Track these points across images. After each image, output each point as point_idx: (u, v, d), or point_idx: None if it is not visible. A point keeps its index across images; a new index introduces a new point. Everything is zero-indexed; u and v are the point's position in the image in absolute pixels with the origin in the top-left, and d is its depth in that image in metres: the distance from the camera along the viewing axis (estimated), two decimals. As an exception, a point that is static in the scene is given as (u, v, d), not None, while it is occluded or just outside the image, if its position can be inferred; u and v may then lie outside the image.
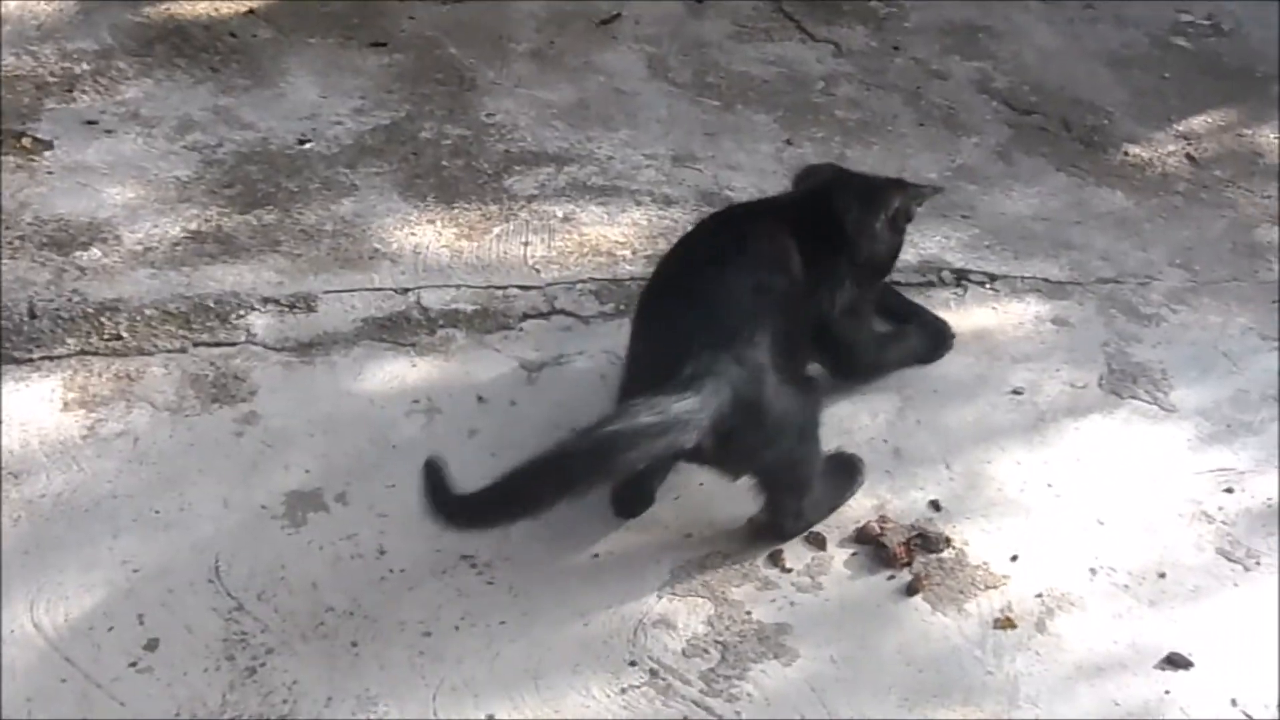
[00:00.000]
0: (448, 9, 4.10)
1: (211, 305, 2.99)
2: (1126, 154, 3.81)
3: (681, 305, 2.49)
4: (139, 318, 2.95)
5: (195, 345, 2.90)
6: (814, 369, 2.77)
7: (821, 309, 2.72)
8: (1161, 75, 4.17)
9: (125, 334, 2.91)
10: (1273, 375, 3.08)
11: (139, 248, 3.13)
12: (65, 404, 2.74)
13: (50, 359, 2.83)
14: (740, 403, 2.33)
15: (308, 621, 2.37)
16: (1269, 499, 2.77)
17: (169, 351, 2.88)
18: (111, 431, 2.69)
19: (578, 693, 2.30)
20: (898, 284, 3.19)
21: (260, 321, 2.97)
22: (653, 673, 2.34)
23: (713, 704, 2.29)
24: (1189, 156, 3.83)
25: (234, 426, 2.73)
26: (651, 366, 2.40)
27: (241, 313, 2.98)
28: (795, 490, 2.55)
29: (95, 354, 2.85)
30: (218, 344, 2.91)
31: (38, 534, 2.48)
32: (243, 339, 2.93)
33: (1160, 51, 4.29)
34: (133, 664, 2.29)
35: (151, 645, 2.32)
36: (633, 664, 2.35)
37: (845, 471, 2.69)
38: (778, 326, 2.47)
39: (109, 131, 3.48)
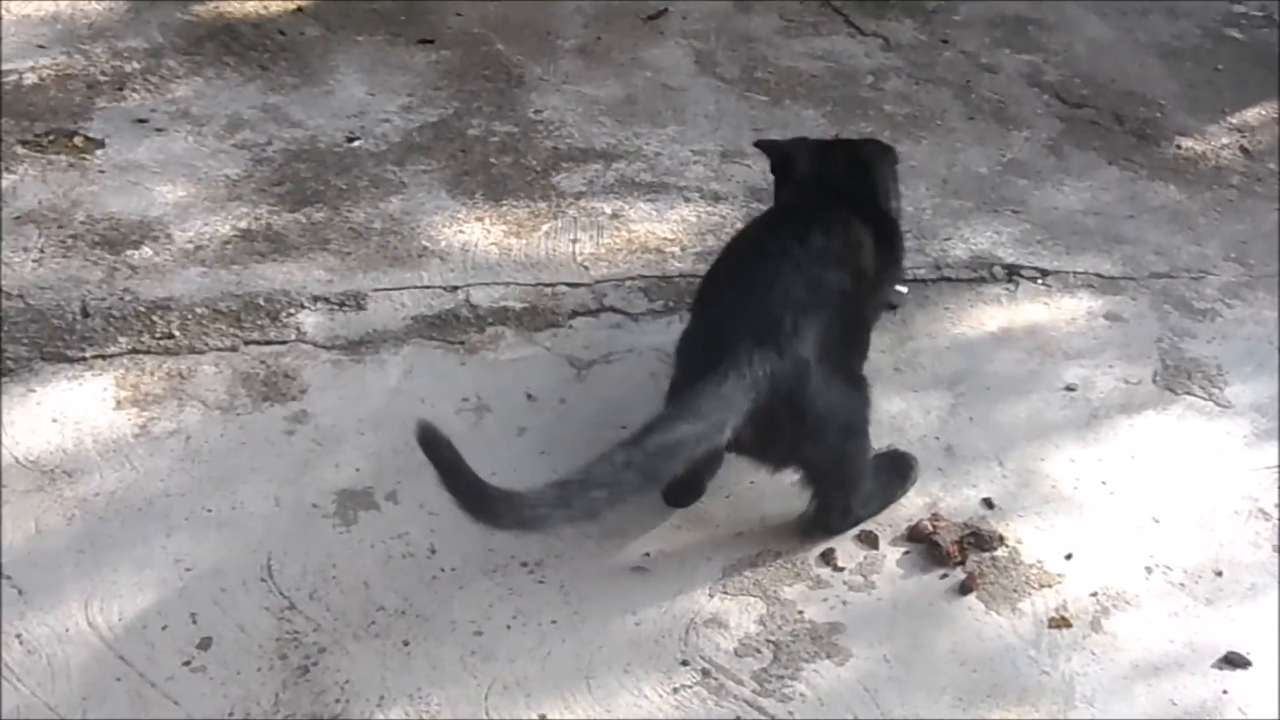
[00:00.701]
0: (494, 6, 4.10)
1: (262, 303, 3.00)
2: (1179, 147, 3.77)
3: (735, 296, 2.47)
4: (190, 316, 2.96)
5: (246, 344, 2.91)
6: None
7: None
8: (1214, 67, 4.12)
9: (177, 332, 2.92)
10: (1330, 371, 3.05)
11: (190, 246, 3.15)
12: (118, 402, 2.75)
13: (103, 358, 2.84)
14: (779, 395, 2.32)
15: (359, 620, 2.38)
16: (1327, 496, 2.74)
17: (220, 350, 2.89)
18: (164, 430, 2.71)
19: (630, 692, 2.29)
20: (948, 279, 3.18)
21: (310, 320, 2.98)
22: (705, 672, 2.33)
23: (765, 704, 2.28)
24: (1243, 149, 3.78)
25: (285, 425, 2.74)
26: (700, 358, 2.39)
27: (291, 311, 2.99)
28: (843, 486, 2.53)
29: (147, 352, 2.87)
30: (268, 342, 2.92)
31: (91, 533, 2.49)
32: (293, 337, 2.94)
33: (1213, 43, 4.24)
34: (186, 663, 2.30)
35: (205, 644, 2.32)
36: (685, 663, 2.34)
37: (897, 469, 2.67)
38: (830, 320, 2.44)
39: (159, 130, 3.50)
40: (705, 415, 2.24)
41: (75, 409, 2.73)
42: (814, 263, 2.52)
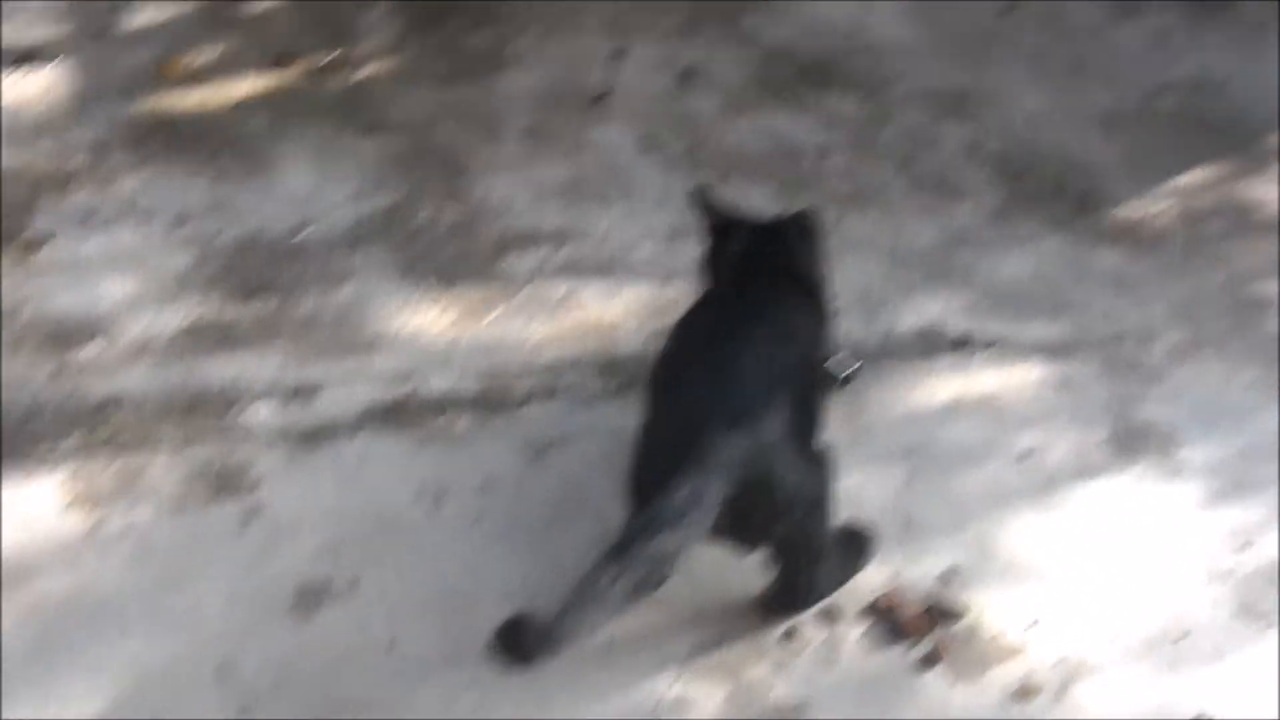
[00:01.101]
0: (440, 92, 4.12)
1: (213, 397, 2.98)
2: (1121, 213, 3.81)
3: (696, 380, 2.46)
4: (140, 412, 2.93)
5: (197, 439, 2.88)
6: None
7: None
8: (1151, 134, 4.19)
9: (127, 429, 2.89)
10: (1278, 430, 3.07)
11: (138, 341, 3.12)
12: (68, 502, 2.72)
13: (52, 457, 2.81)
14: (753, 480, 2.31)
15: (321, 717, 2.34)
16: (1284, 555, 2.76)
17: (171, 445, 2.86)
18: (115, 529, 2.67)
19: (597, 780, 2.27)
20: (900, 351, 3.20)
21: (262, 412, 2.95)
22: (673, 755, 2.31)
23: (734, 786, 2.27)
24: (1183, 213, 3.83)
25: (239, 519, 2.71)
26: (667, 448, 2.37)
27: (243, 404, 2.97)
28: (808, 562, 2.53)
29: (97, 451, 2.84)
30: (220, 436, 2.89)
31: (43, 637, 2.45)
32: (245, 430, 2.91)
33: (1149, 110, 4.30)
34: (144, 767, 2.26)
35: (162, 747, 2.29)
36: (653, 745, 2.32)
37: (857, 543, 2.67)
38: (790, 397, 2.45)
39: (106, 225, 3.48)
40: (687, 515, 2.23)
41: (25, 510, 2.69)
42: (769, 341, 2.52)
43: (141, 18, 4.36)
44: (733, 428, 2.32)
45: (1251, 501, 2.89)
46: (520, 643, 2.22)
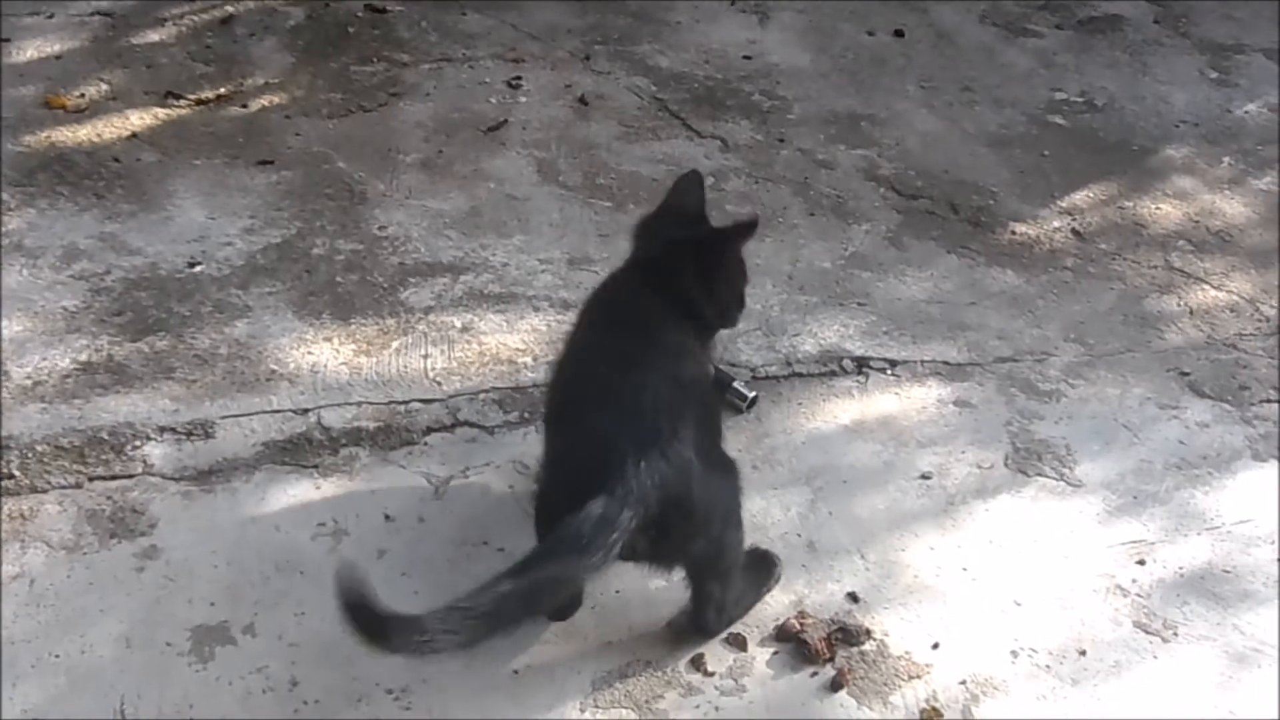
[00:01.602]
0: (334, 124, 4.09)
1: (105, 437, 2.92)
2: (1014, 232, 3.87)
3: (600, 406, 2.41)
4: (30, 454, 2.87)
5: (90, 480, 2.83)
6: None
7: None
8: (1041, 153, 4.25)
9: (17, 472, 2.82)
10: (1173, 443, 3.12)
11: (28, 382, 3.05)
12: (-43, 549, 2.65)
13: (-61, 503, 2.74)
14: (669, 501, 2.29)
15: (221, 761, 2.30)
16: (1180, 568, 2.80)
17: (63, 488, 2.80)
18: (6, 574, 2.61)
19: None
20: (800, 374, 3.22)
21: (157, 451, 2.90)
22: (581, 788, 2.29)
23: (643, 818, 2.25)
24: (1074, 231, 3.89)
25: (134, 562, 2.65)
26: (574, 471, 2.34)
27: (137, 443, 2.91)
28: (721, 580, 2.51)
29: (-14, 495, 2.77)
30: (114, 477, 2.84)
31: (-68, 688, 2.38)
32: (140, 470, 2.86)
33: (1038, 130, 4.38)
34: (39, 820, 2.20)
35: (57, 798, 2.23)
36: (561, 781, 2.30)
37: (762, 567, 2.67)
38: (696, 413, 2.43)
39: (-8, 265, 3.41)
40: (593, 541, 2.19)
41: (-89, 559, 2.62)
42: (666, 359, 2.50)
43: (28, 51, 4.30)
44: (645, 453, 2.29)
45: (1147, 517, 2.93)
46: (380, 626, 2.12)
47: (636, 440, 2.31)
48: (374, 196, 3.78)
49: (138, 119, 4.03)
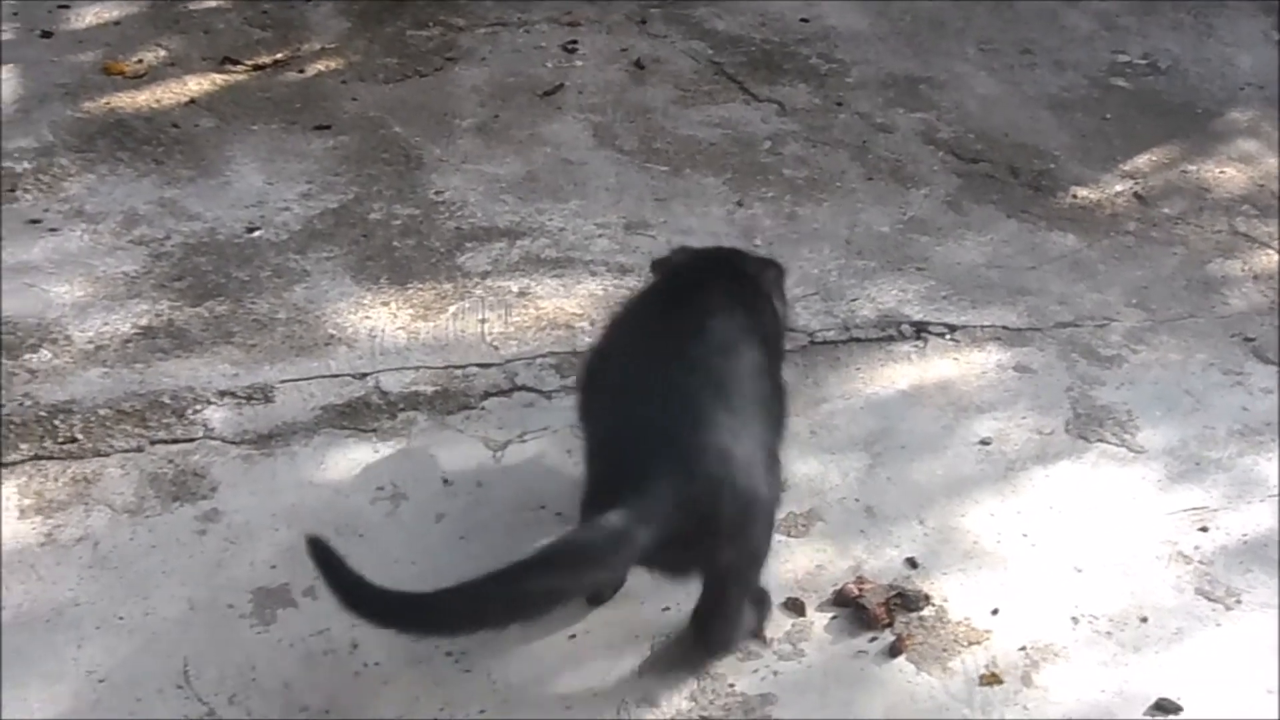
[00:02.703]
0: (390, 89, 4.09)
1: (167, 401, 2.94)
2: (1075, 196, 3.83)
3: (631, 404, 2.34)
4: (93, 418, 2.89)
5: (152, 443, 2.85)
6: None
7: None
8: (1103, 116, 4.20)
9: (80, 436, 2.85)
10: (1236, 410, 3.08)
11: (90, 346, 3.08)
12: (21, 511, 2.68)
13: (4, 466, 2.77)
14: (693, 519, 2.19)
15: (282, 721, 2.32)
16: (1244, 535, 2.77)
17: (125, 451, 2.83)
18: (70, 537, 2.64)
19: (563, 778, 2.25)
20: (858, 339, 3.20)
21: (217, 415, 2.92)
22: (640, 752, 2.30)
23: (701, 781, 2.25)
24: (1137, 195, 3.85)
25: (196, 525, 2.68)
26: (608, 476, 2.29)
27: (198, 407, 2.94)
28: (737, 596, 2.41)
29: (50, 458, 2.80)
30: (175, 441, 2.86)
31: (-1, 648, 2.42)
32: (200, 434, 2.88)
33: (1100, 93, 4.32)
34: (105, 778, 2.23)
35: (123, 757, 2.26)
36: (620, 743, 2.31)
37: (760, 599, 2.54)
38: (744, 409, 2.34)
39: (53, 230, 3.43)
40: (602, 558, 2.15)
41: (-22, 519, 2.65)
42: (713, 349, 2.40)
43: (86, 18, 4.32)
44: (675, 458, 2.21)
45: (1210, 483, 2.90)
46: (372, 601, 2.14)
47: (661, 449, 2.23)
48: (430, 161, 3.79)
49: (195, 85, 4.05)
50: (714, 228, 3.58)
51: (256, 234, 3.47)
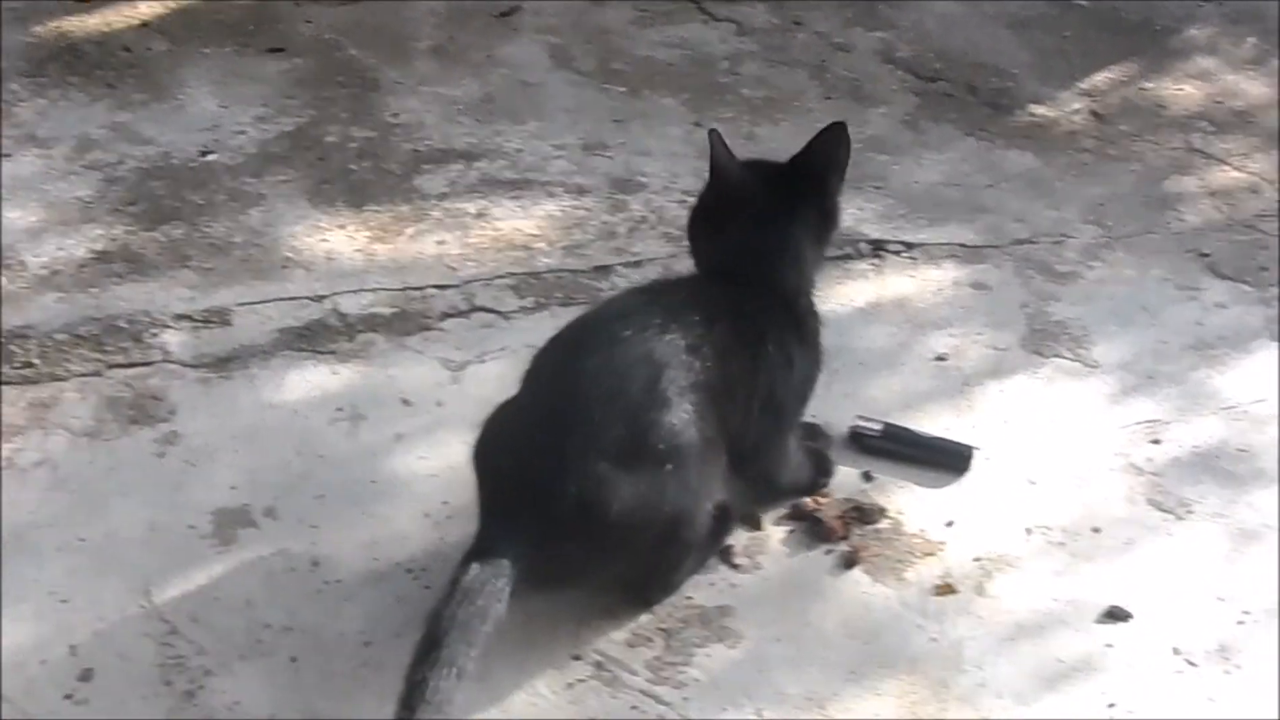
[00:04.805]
0: (345, 10, 4.05)
1: (123, 325, 2.94)
2: (1033, 115, 3.84)
3: (546, 388, 2.28)
4: (49, 343, 2.88)
5: (109, 368, 2.84)
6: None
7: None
8: (1062, 34, 4.20)
9: (36, 360, 2.84)
10: (1190, 324, 3.11)
11: (44, 272, 3.07)
12: (-21, 436, 2.68)
13: (-41, 392, 2.77)
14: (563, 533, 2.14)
15: (245, 640, 2.33)
16: (1195, 447, 2.80)
17: (83, 376, 2.82)
18: (29, 461, 2.63)
19: (524, 691, 2.27)
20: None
21: (174, 339, 2.92)
22: (598, 665, 2.32)
23: (660, 691, 2.28)
24: (1094, 113, 3.86)
25: (155, 447, 2.68)
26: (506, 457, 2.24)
27: (155, 331, 2.93)
28: (663, 570, 2.38)
29: (7, 383, 2.79)
30: (132, 364, 2.85)
31: (-41, 570, 2.42)
32: (158, 358, 2.87)
33: (1059, 11, 4.32)
34: (68, 696, 2.23)
35: (86, 676, 2.26)
36: (577, 658, 2.33)
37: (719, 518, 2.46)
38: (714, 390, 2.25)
39: (5, 156, 3.40)
40: (479, 601, 2.06)
41: (-65, 445, 2.65)
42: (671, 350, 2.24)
43: (36, -59, 4.26)
44: (548, 475, 2.13)
45: (1163, 396, 2.93)
46: None
47: (531, 460, 2.17)
48: (386, 84, 3.76)
49: (147, 8, 4.01)
50: (673, 149, 3.58)
51: (211, 158, 3.45)
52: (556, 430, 2.15)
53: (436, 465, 2.64)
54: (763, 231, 2.44)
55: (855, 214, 3.36)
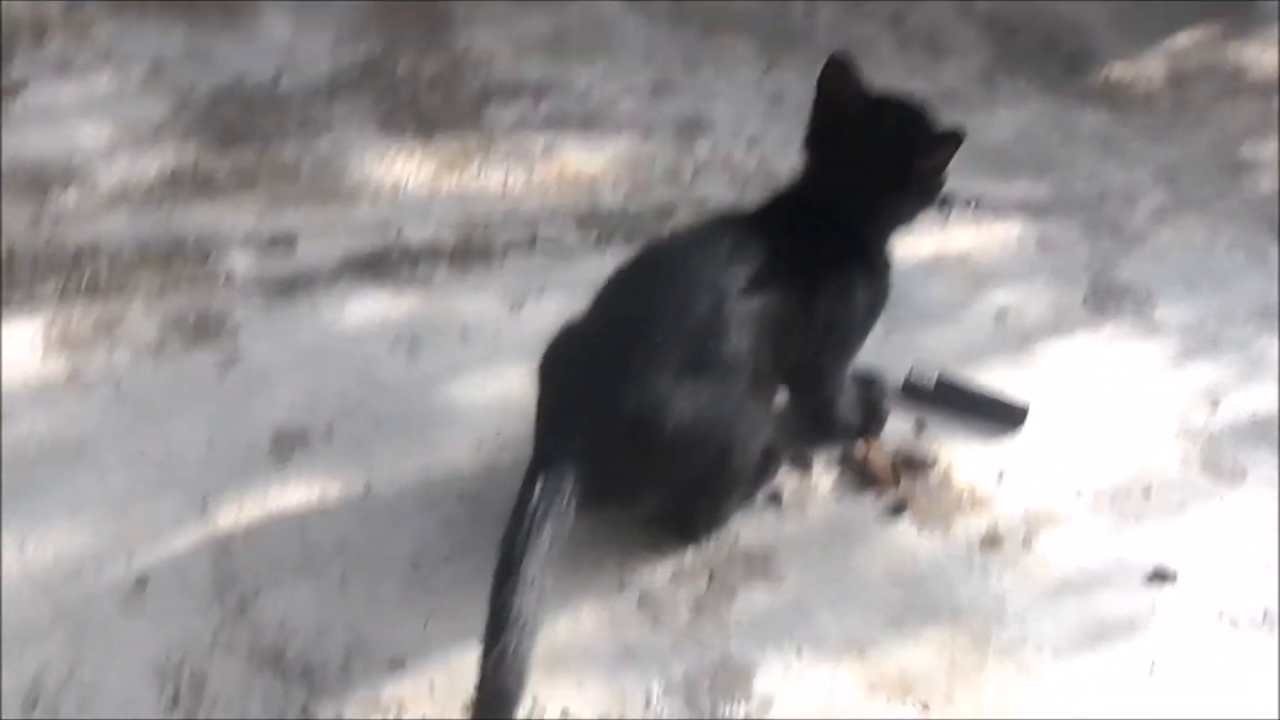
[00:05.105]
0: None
1: (190, 246, 2.98)
2: (1109, 74, 3.79)
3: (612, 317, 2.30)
4: (117, 260, 2.93)
5: (175, 287, 2.88)
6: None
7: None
8: (1145, -7, 4.15)
9: (104, 277, 2.89)
10: (1258, 291, 3.08)
11: (115, 190, 3.11)
12: (47, 347, 2.72)
13: (30, 303, 2.81)
14: (624, 448, 2.17)
15: (296, 558, 2.37)
16: (1253, 413, 2.78)
17: (149, 294, 2.86)
18: (94, 374, 2.68)
19: (568, 618, 2.29)
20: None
21: (240, 261, 2.95)
22: (642, 598, 2.34)
23: (702, 627, 2.30)
24: (1171, 74, 3.80)
25: (216, 367, 2.72)
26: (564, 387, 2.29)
27: (221, 252, 2.97)
28: (707, 501, 2.41)
29: (75, 297, 2.84)
30: (198, 285, 2.89)
31: (23, 477, 2.46)
32: (223, 279, 2.91)
33: (1143, -31, 4.26)
34: (124, 604, 2.29)
35: (141, 585, 2.31)
36: (622, 589, 2.35)
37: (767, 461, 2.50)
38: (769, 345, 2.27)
39: (82, 73, 3.45)
40: (544, 516, 2.09)
41: (4, 355, 2.69)
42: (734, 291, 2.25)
43: None
44: (591, 400, 2.17)
45: (1225, 361, 2.90)
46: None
47: (585, 385, 2.21)
48: (459, 17, 3.77)
49: (227, -67, 4.03)
50: (742, 94, 3.57)
51: (284, 84, 3.47)
52: (619, 348, 2.20)
53: (491, 395, 2.66)
54: (855, 166, 2.44)
55: (923, 165, 3.34)
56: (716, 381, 2.21)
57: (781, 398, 2.49)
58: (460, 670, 2.20)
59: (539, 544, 2.07)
